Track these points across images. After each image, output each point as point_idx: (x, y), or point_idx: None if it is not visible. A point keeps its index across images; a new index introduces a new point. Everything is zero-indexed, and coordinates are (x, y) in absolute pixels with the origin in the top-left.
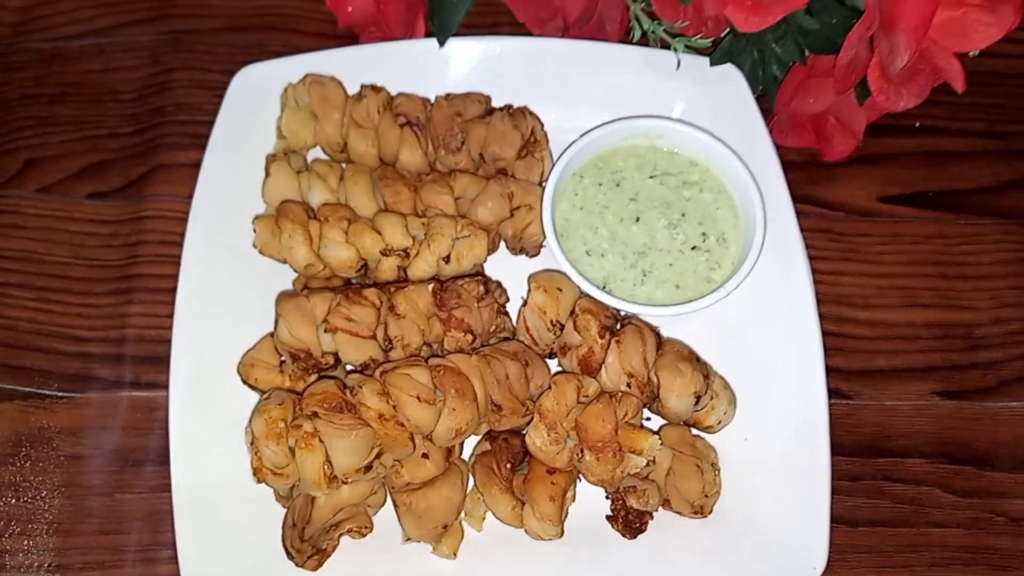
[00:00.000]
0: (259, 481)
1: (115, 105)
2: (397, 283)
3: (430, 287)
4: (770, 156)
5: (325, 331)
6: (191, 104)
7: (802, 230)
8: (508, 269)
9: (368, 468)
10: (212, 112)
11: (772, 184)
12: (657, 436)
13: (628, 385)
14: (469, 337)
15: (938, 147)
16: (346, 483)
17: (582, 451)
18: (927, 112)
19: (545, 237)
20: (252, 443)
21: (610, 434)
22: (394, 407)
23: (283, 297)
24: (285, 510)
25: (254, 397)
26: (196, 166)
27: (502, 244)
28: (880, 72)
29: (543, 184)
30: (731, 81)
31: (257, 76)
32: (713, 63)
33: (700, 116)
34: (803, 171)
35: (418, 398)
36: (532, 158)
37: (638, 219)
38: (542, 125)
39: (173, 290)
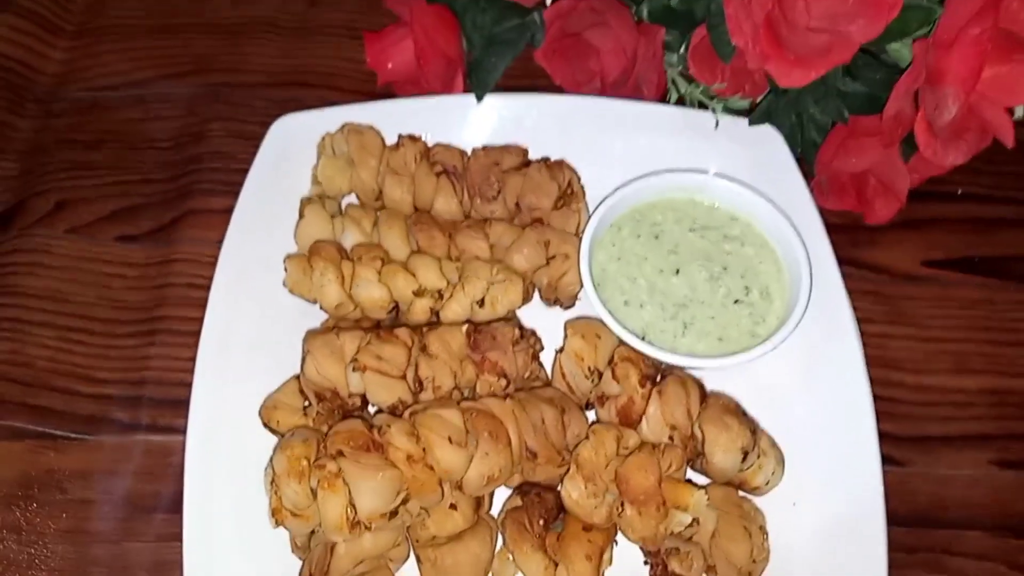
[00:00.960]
0: (277, 524)
1: (151, 152)
2: (430, 325)
3: (464, 328)
4: (811, 212)
5: (354, 369)
6: (226, 153)
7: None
8: (542, 320)
9: (394, 514)
10: (247, 161)
11: (815, 240)
12: (704, 491)
13: (671, 439)
14: (503, 381)
15: (982, 214)
16: (369, 529)
17: (622, 505)
18: (970, 180)
19: (581, 287)
20: (272, 482)
21: (654, 486)
22: (423, 449)
23: (312, 334)
24: (302, 562)
25: (274, 443)
26: (228, 212)
27: (536, 295)
28: (927, 126)
29: (579, 235)
30: (769, 141)
31: (295, 125)
32: (752, 123)
33: (738, 176)
34: (845, 233)
35: (449, 440)
36: (568, 209)
37: (678, 271)
38: (579, 178)
39: (197, 333)
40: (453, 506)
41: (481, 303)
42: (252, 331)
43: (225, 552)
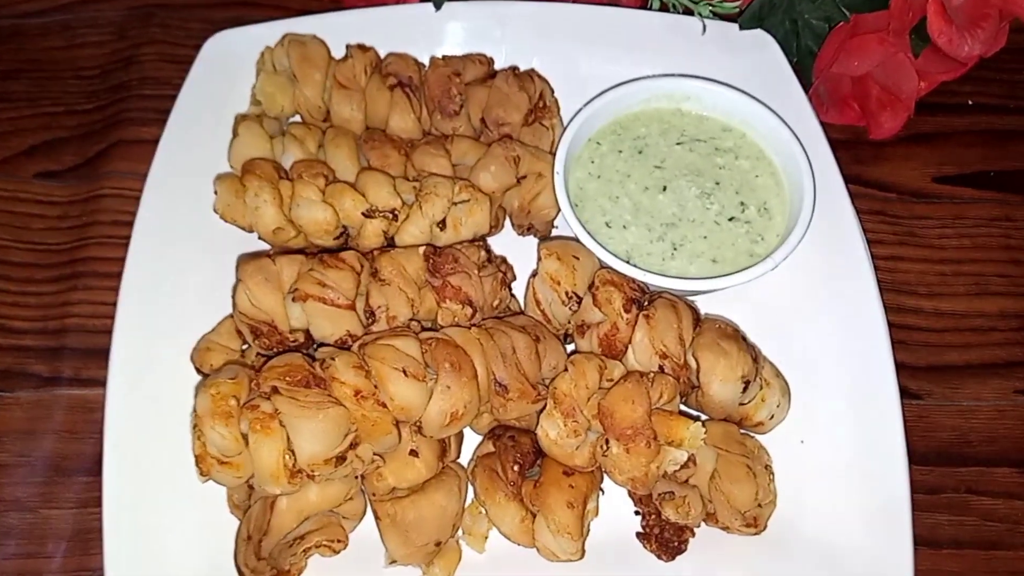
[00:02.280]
0: (203, 475)
1: (76, 82)
2: (382, 249)
3: (421, 250)
4: (811, 123)
5: (294, 299)
6: (159, 78)
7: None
8: (514, 253)
9: (341, 460)
10: (181, 86)
11: (817, 153)
12: (700, 424)
13: (660, 369)
14: (468, 310)
15: (995, 126)
16: (313, 478)
17: (607, 443)
18: (981, 90)
19: (558, 212)
20: (195, 426)
21: (642, 419)
22: (374, 384)
23: (244, 260)
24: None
25: None
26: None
27: (507, 223)
28: (940, 9)
29: (554, 153)
30: (762, 47)
31: (232, 41)
32: (742, 27)
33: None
34: (847, 150)
35: (404, 372)
36: (540, 126)
37: (665, 188)
38: (552, 91)
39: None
40: (414, 452)
41: (442, 225)
42: (182, 268)
43: (151, 516)
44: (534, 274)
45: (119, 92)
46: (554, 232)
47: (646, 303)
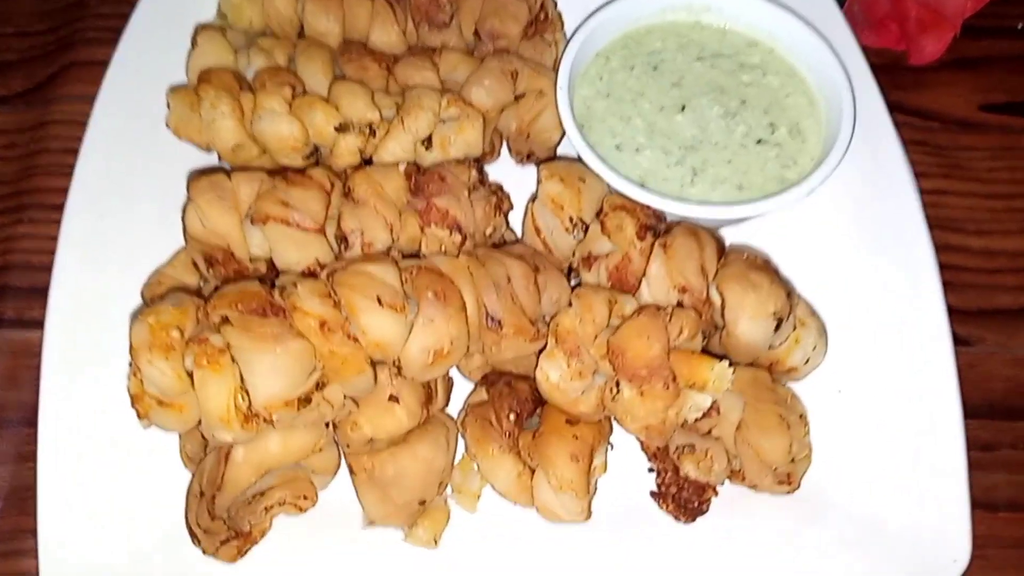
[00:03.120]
0: (142, 417)
1: (27, 1)
2: (356, 167)
3: (402, 167)
4: (847, 38)
5: (253, 221)
6: None
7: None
8: (512, 183)
9: (304, 402)
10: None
11: (852, 72)
12: (726, 362)
13: (680, 305)
14: (456, 237)
15: None
16: (272, 424)
17: (618, 386)
18: None
19: (562, 135)
20: (131, 361)
21: (659, 357)
22: (345, 316)
23: (196, 176)
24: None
25: None
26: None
27: (503, 150)
28: None
29: (556, 69)
30: None
31: None
32: None
33: None
34: (885, 75)
35: (378, 301)
36: (542, 40)
37: (683, 108)
38: (555, 2)
39: None
40: (393, 398)
41: (428, 143)
42: (133, 195)
43: (92, 470)
44: (533, 198)
45: (73, 11)
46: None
47: (662, 231)
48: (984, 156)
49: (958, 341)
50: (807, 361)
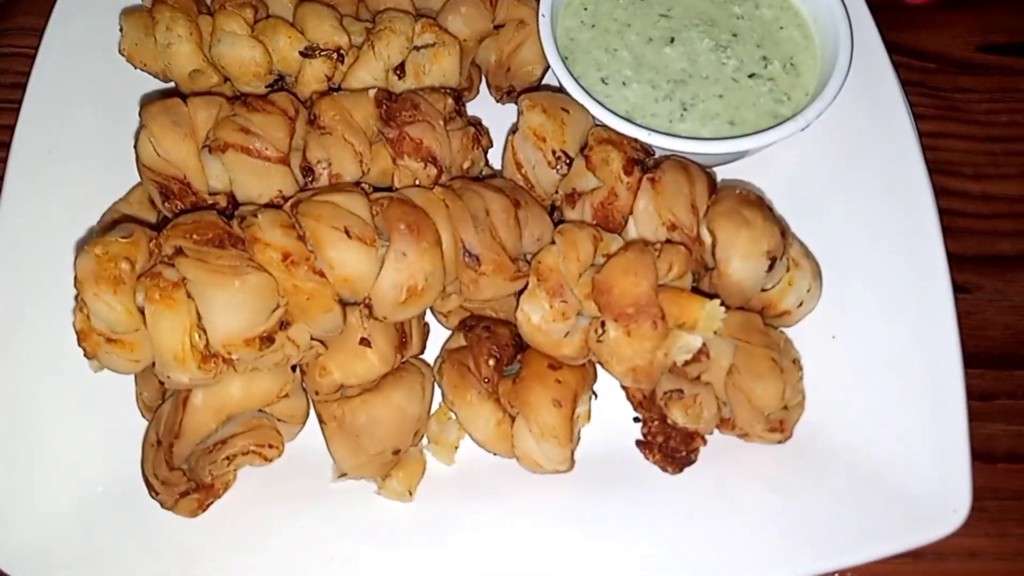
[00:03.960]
0: (89, 357)
1: None
2: (323, 93)
3: (372, 92)
4: None
5: (211, 150)
6: None
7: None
8: (491, 120)
9: (267, 342)
10: None
11: (850, 8)
12: (717, 300)
13: (668, 243)
14: (431, 170)
15: None
16: (232, 365)
17: (603, 326)
18: None
19: (545, 68)
20: (77, 295)
21: (647, 295)
22: (310, 249)
23: (149, 101)
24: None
25: None
26: None
27: (482, 86)
28: None
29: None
30: None
31: None
32: None
33: None
34: (880, 14)
35: (347, 232)
36: None
37: (672, 40)
38: None
39: None
40: (365, 341)
41: (400, 71)
42: (84, 129)
43: (38, 416)
44: (514, 130)
45: None
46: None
47: (651, 166)
48: (982, 98)
49: (955, 288)
50: (800, 304)
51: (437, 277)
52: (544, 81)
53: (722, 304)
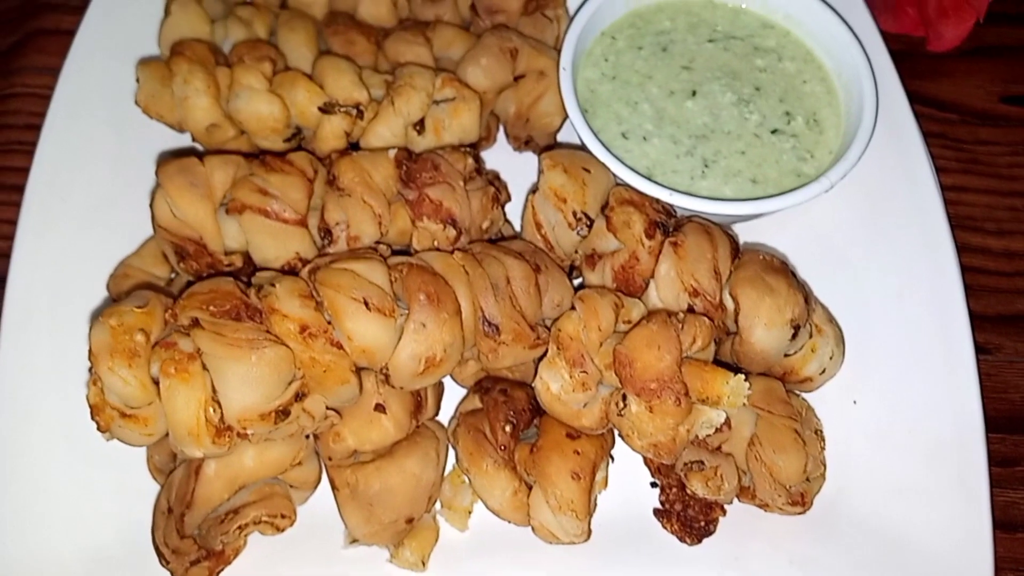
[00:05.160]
0: (103, 430)
1: None
2: (342, 153)
3: (392, 153)
4: (865, 21)
5: (228, 211)
6: None
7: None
8: (509, 170)
9: (283, 415)
10: None
11: (872, 58)
12: (742, 375)
13: (690, 309)
14: (450, 232)
15: None
16: (246, 438)
17: (624, 399)
18: None
19: (564, 119)
20: (91, 367)
21: (670, 370)
22: (328, 319)
23: (166, 161)
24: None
25: None
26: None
27: (500, 134)
28: None
29: (559, 48)
30: None
31: None
32: None
33: None
34: (902, 63)
35: (366, 303)
36: (543, 16)
37: (694, 93)
38: None
39: None
40: (380, 407)
41: (420, 127)
42: (98, 177)
43: (48, 479)
44: (534, 190)
45: None
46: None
47: (672, 228)
48: (1004, 151)
49: (976, 349)
50: (823, 371)
51: (456, 348)
52: (564, 129)
53: (746, 379)
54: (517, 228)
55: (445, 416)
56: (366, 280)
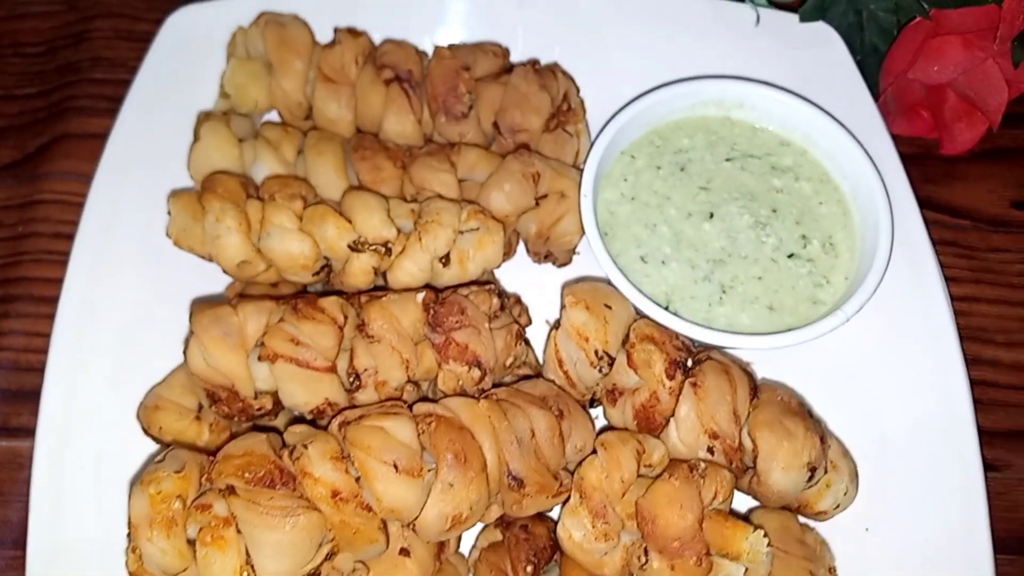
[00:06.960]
0: None
1: (16, 60)
2: (372, 292)
3: (420, 297)
4: (881, 137)
5: (260, 359)
6: (112, 59)
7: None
8: (529, 283)
9: None
10: (137, 69)
11: (884, 173)
12: (761, 531)
13: (710, 451)
14: (476, 373)
15: None
16: None
17: (645, 553)
18: None
19: (582, 237)
20: (129, 534)
21: (692, 529)
22: (358, 480)
23: (200, 308)
24: None
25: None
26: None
27: (520, 247)
28: None
29: (580, 167)
30: (824, 44)
31: (197, 19)
32: (803, 19)
33: (787, 88)
34: (914, 166)
35: (395, 467)
36: (564, 132)
37: (712, 215)
38: (577, 90)
39: None
40: (404, 551)
41: (445, 260)
42: (128, 302)
43: None
44: (556, 325)
45: (67, 75)
46: (576, 259)
47: (692, 363)
48: (1016, 259)
49: (985, 467)
50: (837, 506)
51: (482, 504)
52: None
53: (760, 524)
54: (534, 341)
55: (466, 544)
56: (395, 439)
